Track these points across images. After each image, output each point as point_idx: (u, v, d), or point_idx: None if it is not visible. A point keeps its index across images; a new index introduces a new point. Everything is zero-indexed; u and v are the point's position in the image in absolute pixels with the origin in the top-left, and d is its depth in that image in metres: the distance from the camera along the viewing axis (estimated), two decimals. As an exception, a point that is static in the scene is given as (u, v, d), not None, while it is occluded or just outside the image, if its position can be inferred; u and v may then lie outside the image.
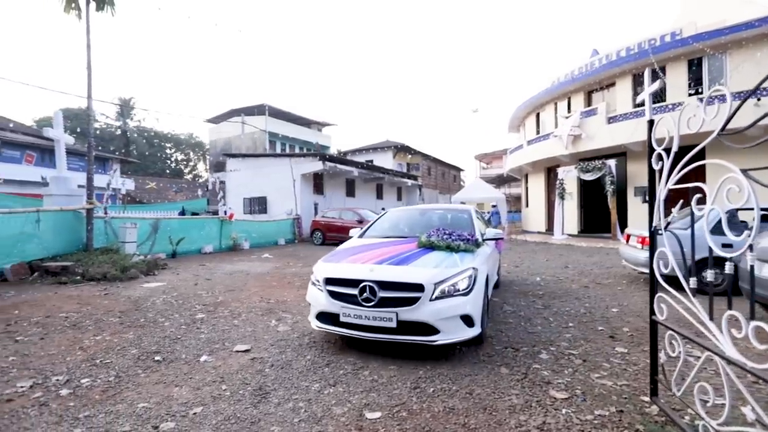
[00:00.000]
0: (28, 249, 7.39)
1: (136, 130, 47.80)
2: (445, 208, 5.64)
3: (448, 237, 3.89)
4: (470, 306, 3.21)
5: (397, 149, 32.71)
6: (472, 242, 3.90)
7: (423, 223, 4.98)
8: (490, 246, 4.67)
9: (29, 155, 22.13)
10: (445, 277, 3.23)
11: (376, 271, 3.31)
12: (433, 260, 3.49)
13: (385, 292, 3.17)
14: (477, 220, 4.96)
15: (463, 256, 3.65)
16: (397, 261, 3.50)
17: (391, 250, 3.81)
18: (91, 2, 8.13)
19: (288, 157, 19.86)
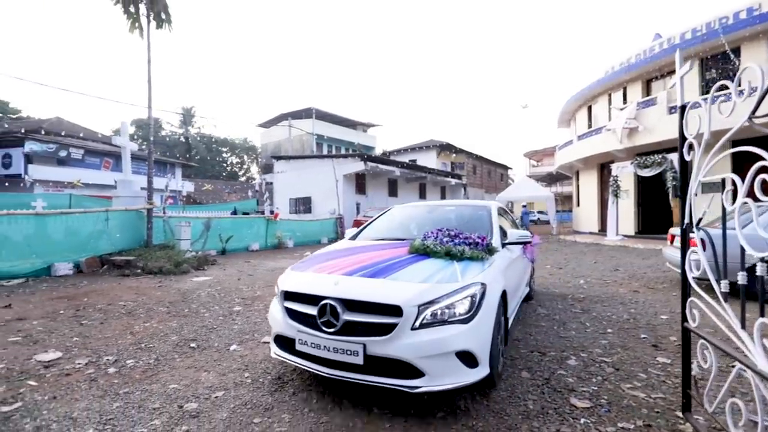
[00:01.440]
0: (99, 244, 8.29)
1: (197, 136, 51.58)
2: (460, 204, 4.49)
3: (450, 240, 2.98)
4: (472, 338, 2.26)
5: (441, 148, 32.34)
6: (482, 247, 2.92)
7: (430, 222, 3.98)
8: (513, 252, 3.71)
9: (107, 161, 24.70)
10: (435, 297, 2.28)
11: (342, 285, 2.43)
12: (423, 272, 2.53)
13: (352, 315, 2.29)
14: (498, 218, 3.85)
15: (467, 266, 2.67)
16: (374, 272, 2.55)
17: (374, 256, 2.92)
18: (151, 21, 8.92)
19: (331, 158, 20.40)
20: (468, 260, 2.76)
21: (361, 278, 2.51)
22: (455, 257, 2.78)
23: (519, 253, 4.02)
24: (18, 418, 2.36)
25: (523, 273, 4.38)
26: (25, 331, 4.05)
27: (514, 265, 3.68)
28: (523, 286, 4.45)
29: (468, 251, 2.82)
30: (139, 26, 8.86)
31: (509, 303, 3.19)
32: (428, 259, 2.78)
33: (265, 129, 38.51)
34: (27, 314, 4.73)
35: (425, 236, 3.09)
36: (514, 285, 3.55)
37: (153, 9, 8.80)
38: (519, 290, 4.01)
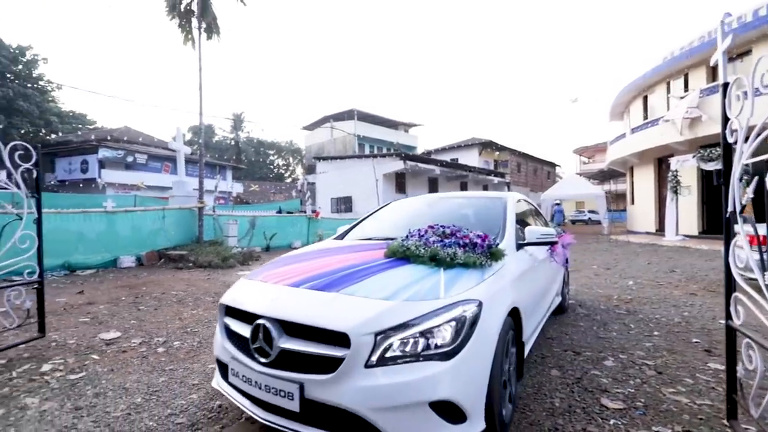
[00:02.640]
0: (157, 240, 9.05)
1: (246, 140, 54.42)
2: (469, 196, 3.75)
3: (439, 240, 2.24)
4: (456, 381, 1.60)
5: (483, 146, 31.59)
6: (482, 249, 2.17)
7: (430, 217, 3.12)
8: (534, 255, 2.92)
9: (166, 165, 26.77)
10: (401, 320, 1.63)
11: (281, 301, 1.85)
12: (393, 283, 1.87)
13: (290, 342, 1.70)
14: (514, 213, 3.00)
15: (457, 275, 1.96)
16: (328, 282, 1.92)
17: (342, 260, 2.29)
18: (202, 33, 9.59)
19: (371, 158, 20.66)
20: (460, 267, 2.03)
21: (306, 291, 1.88)
22: (443, 263, 2.04)
23: (544, 256, 3.24)
24: (82, 384, 2.70)
25: (550, 281, 3.53)
26: (93, 314, 4.56)
27: (536, 272, 2.91)
28: (551, 297, 3.61)
29: (461, 255, 2.07)
30: (191, 38, 9.56)
31: (525, 323, 2.38)
32: (407, 265, 2.08)
33: (309, 131, 39.76)
34: (95, 299, 5.30)
35: (409, 235, 2.36)
36: (533, 298, 2.75)
37: (203, 22, 9.45)
38: (543, 304, 3.15)
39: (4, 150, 3.11)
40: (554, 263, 3.66)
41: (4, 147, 3.11)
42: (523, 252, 2.72)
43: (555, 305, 3.97)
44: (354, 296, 1.76)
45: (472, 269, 2.03)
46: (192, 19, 9.40)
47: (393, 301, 1.70)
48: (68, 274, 7.45)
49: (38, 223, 3.44)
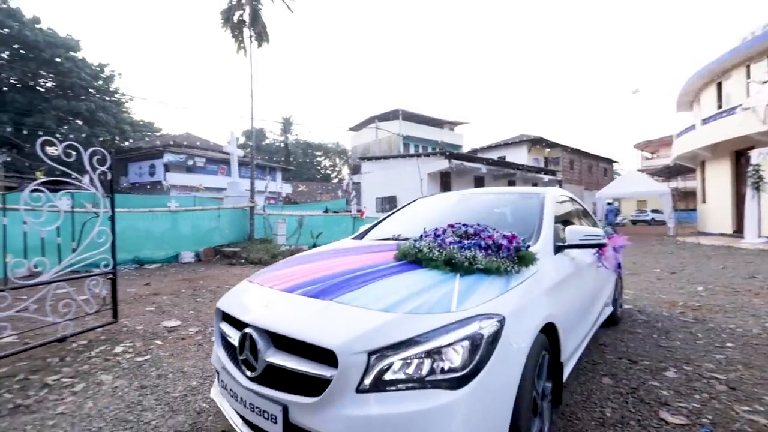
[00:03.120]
0: (213, 237, 9.69)
1: (295, 142, 56.55)
2: (503, 192, 3.32)
3: (458, 241, 1.90)
4: (470, 416, 1.32)
5: (532, 143, 30.30)
6: (508, 252, 1.82)
7: (456, 216, 2.63)
8: (577, 260, 2.52)
9: (222, 168, 28.54)
10: (400, 338, 1.36)
11: (271, 308, 1.66)
12: (397, 291, 1.59)
13: (276, 356, 1.50)
14: (553, 211, 2.59)
15: (476, 283, 1.65)
16: (323, 288, 1.68)
17: (348, 262, 2.04)
18: (252, 42, 10.12)
19: (415, 157, 20.58)
20: (481, 274, 1.71)
21: (299, 297, 1.66)
22: (459, 268, 1.73)
23: (590, 261, 2.80)
24: (147, 366, 2.99)
25: (598, 289, 3.06)
26: (157, 303, 4.99)
27: (579, 280, 2.50)
28: (599, 308, 3.09)
29: (482, 259, 1.74)
30: (243, 47, 10.12)
31: (564, 341, 1.99)
32: (418, 269, 1.79)
33: (354, 132, 40.46)
34: (160, 291, 5.80)
35: (423, 235, 2.05)
36: (576, 310, 2.35)
37: (254, 31, 9.96)
38: (588, 317, 2.71)
39: (85, 155, 3.49)
40: (601, 269, 3.09)
41: (84, 152, 3.49)
42: (562, 256, 2.34)
43: (604, 317, 3.40)
44: (349, 306, 1.50)
45: (496, 276, 1.70)
46: (244, 29, 9.96)
47: (393, 313, 1.41)
48: (138, 267, 8.21)
49: (112, 220, 3.82)
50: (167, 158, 25.19)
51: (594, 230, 2.36)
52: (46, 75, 27.10)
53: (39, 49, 26.12)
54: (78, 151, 3.42)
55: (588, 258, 2.79)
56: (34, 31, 26.04)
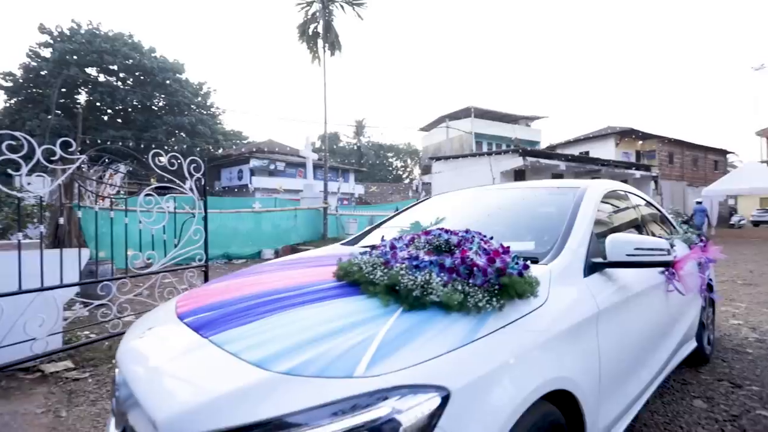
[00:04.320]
0: (290, 236, 10.48)
1: (367, 144, 58.26)
2: (531, 187, 2.55)
3: (411, 259, 1.29)
4: None
5: (621, 135, 27.43)
6: (484, 279, 1.18)
7: (467, 218, 2.27)
8: (626, 283, 1.77)
9: (300, 171, 30.57)
10: (252, 420, 0.83)
11: (144, 345, 1.32)
12: (298, 329, 1.09)
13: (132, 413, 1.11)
14: (592, 213, 1.85)
15: (419, 326, 1.07)
16: (216, 317, 1.26)
17: (286, 278, 1.60)
18: (326, 51, 10.72)
19: (487, 155, 19.91)
20: (437, 310, 1.13)
21: (181, 328, 1.26)
22: (405, 299, 1.16)
23: (654, 283, 2.04)
24: None
25: (668, 323, 2.27)
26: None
27: (629, 314, 1.75)
28: (669, 347, 2.28)
29: (438, 286, 1.15)
30: (317, 57, 10.77)
31: (593, 412, 1.37)
32: (353, 296, 1.26)
33: (425, 132, 40.43)
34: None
35: (378, 246, 1.52)
36: (621, 361, 1.64)
37: (327, 41, 10.55)
38: (647, 365, 1.96)
39: (184, 163, 4.05)
40: (671, 293, 2.21)
41: (184, 161, 4.05)
42: (601, 279, 1.63)
43: (681, 356, 2.53)
44: (219, 349, 1.05)
45: (459, 316, 1.10)
46: (318, 40, 10.59)
47: (265, 370, 0.92)
48: (227, 262, 9.20)
49: (205, 220, 4.36)
50: (252, 163, 27.77)
51: (653, 241, 1.65)
52: (158, 96, 31.60)
53: (153, 74, 30.61)
54: (179, 161, 3.98)
55: (650, 278, 2.00)
56: (151, 59, 30.61)
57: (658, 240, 1.70)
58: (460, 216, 2.32)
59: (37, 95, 28.38)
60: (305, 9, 11.44)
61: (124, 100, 30.44)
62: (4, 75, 28.07)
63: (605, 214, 2.12)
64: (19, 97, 28.67)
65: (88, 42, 28.72)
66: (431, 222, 1.85)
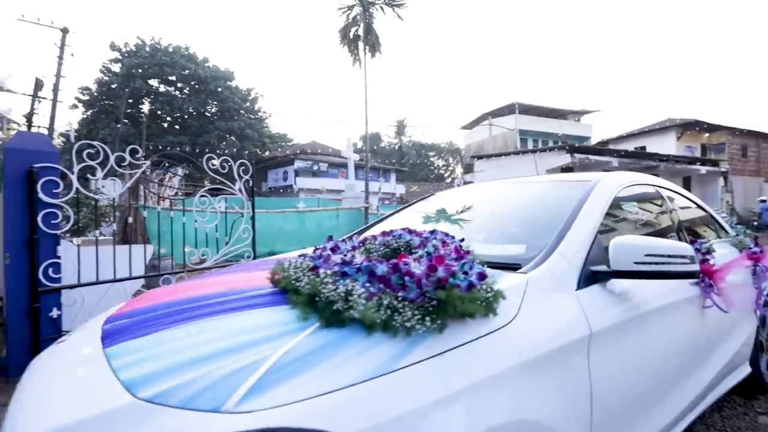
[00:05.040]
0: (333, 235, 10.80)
1: (409, 144, 58.26)
2: (542, 181, 2.30)
3: (341, 265, 1.06)
4: None
5: (684, 127, 25.30)
6: (418, 292, 0.94)
7: (469, 216, 1.98)
8: (642, 297, 1.44)
9: (342, 171, 31.24)
10: None
11: (62, 350, 1.21)
12: (205, 342, 0.92)
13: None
14: (600, 212, 1.56)
15: (328, 348, 0.85)
16: (128, 325, 1.14)
17: (230, 281, 1.46)
18: (366, 53, 10.91)
19: (532, 153, 19.22)
20: (358, 327, 0.91)
21: (93, 337, 1.13)
22: (324, 312, 0.95)
23: (684, 297, 1.69)
24: None
25: (702, 346, 1.87)
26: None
27: (644, 337, 1.45)
28: (710, 375, 1.90)
29: (359, 299, 0.94)
30: (358, 60, 10.99)
31: None
32: (277, 306, 1.08)
33: (467, 131, 39.76)
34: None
35: (318, 249, 1.30)
36: (630, 397, 1.37)
37: (368, 43, 10.73)
38: (662, 406, 1.55)
39: (234, 166, 4.34)
40: (707, 308, 1.82)
41: (234, 164, 4.34)
42: (600, 291, 1.33)
43: (728, 386, 2.13)
44: (103, 363, 0.92)
45: (384, 337, 0.89)
46: (359, 43, 10.81)
47: (128, 394, 0.78)
48: (273, 259, 9.65)
49: (252, 219, 4.64)
50: (297, 165, 28.82)
51: (671, 246, 1.32)
52: (211, 103, 33.70)
53: (207, 83, 32.66)
54: (230, 163, 4.27)
55: (676, 291, 1.64)
56: (204, 68, 32.71)
57: (678, 244, 1.36)
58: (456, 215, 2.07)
59: (109, 107, 31.29)
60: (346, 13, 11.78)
61: (181, 108, 32.81)
62: (82, 90, 31.31)
63: (625, 213, 1.82)
64: (94, 109, 31.80)
65: (150, 56, 31.26)
66: (456, 210, 1.84)
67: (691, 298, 1.73)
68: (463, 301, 0.94)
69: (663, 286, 1.53)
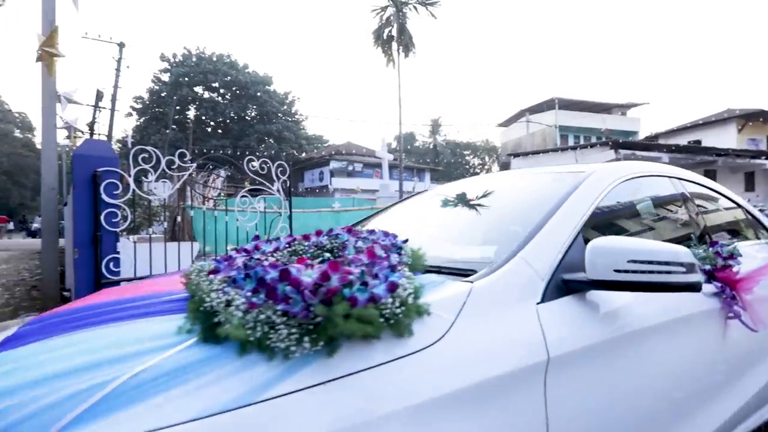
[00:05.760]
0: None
1: (443, 143, 57.69)
2: (538, 173, 1.89)
3: (238, 270, 0.93)
4: None
5: (746, 118, 23.25)
6: (302, 305, 0.76)
7: (442, 216, 1.88)
8: (633, 313, 1.18)
9: (377, 171, 31.39)
10: None
11: None
12: (55, 360, 0.79)
13: None
14: (581, 209, 1.26)
15: (192, 369, 0.70)
16: (42, 327, 1.06)
17: (158, 285, 1.33)
18: (400, 54, 10.96)
19: (573, 150, 18.45)
20: (234, 343, 0.75)
21: None
22: (203, 325, 0.82)
23: (697, 311, 1.39)
24: None
25: (723, 372, 1.53)
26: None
27: (633, 362, 1.16)
28: (733, 407, 1.53)
29: (238, 312, 0.79)
30: (392, 60, 11.06)
31: None
32: (175, 315, 0.93)
33: (504, 128, 38.80)
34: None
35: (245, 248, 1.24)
36: None
37: (401, 43, 10.78)
38: None
39: (273, 167, 4.54)
40: (746, 327, 1.49)
41: (272, 166, 4.55)
42: (573, 305, 1.08)
43: (763, 418, 1.74)
44: None
45: (257, 358, 0.74)
46: (392, 43, 10.88)
47: None
48: (310, 258, 9.93)
49: (290, 218, 4.83)
50: (332, 165, 29.41)
51: (664, 250, 1.04)
52: (251, 107, 35.15)
53: (247, 88, 34.12)
54: (268, 165, 4.48)
55: (685, 305, 1.34)
56: (245, 74, 34.21)
57: (671, 248, 1.05)
58: (430, 215, 1.93)
59: (159, 114, 33.46)
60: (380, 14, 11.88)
61: (223, 112, 34.51)
62: (135, 99, 33.78)
63: (626, 210, 1.57)
64: (146, 116, 34.16)
65: (196, 65, 33.12)
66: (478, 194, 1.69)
67: (708, 312, 1.42)
68: (350, 318, 0.75)
69: (666, 297, 1.22)
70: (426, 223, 1.84)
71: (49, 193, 4.14)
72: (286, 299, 0.77)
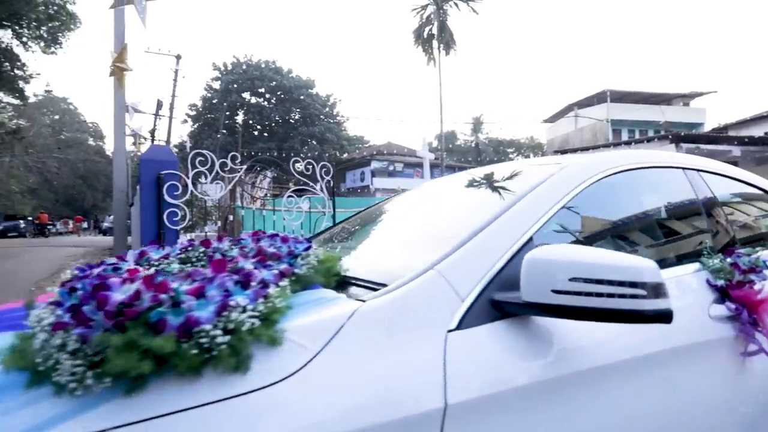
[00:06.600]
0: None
1: (486, 141, 56.38)
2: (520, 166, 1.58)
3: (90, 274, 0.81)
4: None
5: (836, 106, 20.53)
6: (101, 329, 0.61)
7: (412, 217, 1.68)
8: (599, 347, 0.90)
9: (418, 171, 31.38)
10: None
11: None
12: None
13: None
14: (536, 211, 1.00)
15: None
16: None
17: None
18: (441, 51, 10.86)
19: (625, 145, 17.31)
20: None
21: None
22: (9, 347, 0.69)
23: (704, 339, 1.07)
24: None
25: (740, 413, 1.11)
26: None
27: (595, 407, 0.87)
28: None
29: (37, 336, 0.65)
30: (433, 59, 11.00)
31: None
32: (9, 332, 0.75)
33: (550, 124, 37.23)
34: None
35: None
36: None
37: (442, 41, 10.68)
38: None
39: (317, 168, 4.71)
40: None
41: (317, 166, 4.71)
42: (513, 333, 0.83)
43: None
44: None
45: (46, 393, 0.59)
46: (433, 42, 10.81)
47: None
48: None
49: (333, 218, 4.98)
50: (373, 165, 29.74)
51: (618, 264, 0.77)
52: (294, 110, 36.44)
53: (291, 92, 35.40)
54: (312, 166, 4.65)
55: (682, 331, 1.01)
56: (289, 79, 35.56)
57: (629, 262, 0.79)
58: (395, 217, 1.77)
59: (211, 119, 35.60)
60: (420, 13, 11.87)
61: (269, 116, 36.08)
62: (190, 106, 36.26)
63: (619, 216, 1.33)
64: (199, 122, 36.52)
65: (244, 72, 34.88)
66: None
67: (716, 343, 1.08)
68: (137, 349, 0.58)
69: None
70: (387, 225, 1.67)
71: (119, 195, 4.57)
72: (86, 321, 0.62)
